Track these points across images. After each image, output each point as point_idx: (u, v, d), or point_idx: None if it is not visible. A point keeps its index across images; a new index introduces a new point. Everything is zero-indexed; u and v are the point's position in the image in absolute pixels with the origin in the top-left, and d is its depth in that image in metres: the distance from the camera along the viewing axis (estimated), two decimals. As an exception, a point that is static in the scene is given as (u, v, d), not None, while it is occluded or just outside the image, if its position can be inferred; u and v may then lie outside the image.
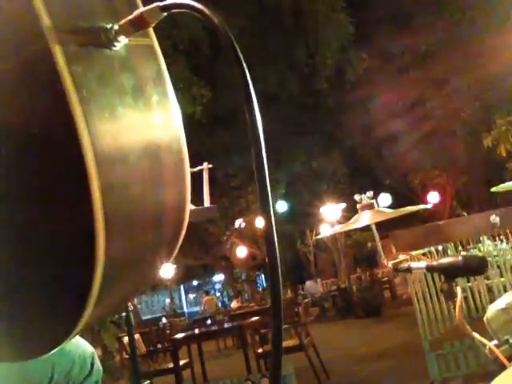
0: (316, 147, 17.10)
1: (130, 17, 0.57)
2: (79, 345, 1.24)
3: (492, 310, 1.44)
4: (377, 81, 15.31)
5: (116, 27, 0.57)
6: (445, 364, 5.01)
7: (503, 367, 1.28)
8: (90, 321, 0.57)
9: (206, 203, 1.75)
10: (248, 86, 0.54)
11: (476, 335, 1.38)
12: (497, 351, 1.32)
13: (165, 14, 0.57)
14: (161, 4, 0.57)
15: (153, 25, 0.59)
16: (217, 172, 13.85)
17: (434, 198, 17.02)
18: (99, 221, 0.52)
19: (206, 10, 0.54)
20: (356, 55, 14.83)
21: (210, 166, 1.97)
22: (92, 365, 1.24)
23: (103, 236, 0.52)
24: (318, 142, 17.14)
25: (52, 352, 0.59)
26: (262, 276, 26.58)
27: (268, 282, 0.56)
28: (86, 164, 0.51)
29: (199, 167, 1.95)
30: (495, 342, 1.35)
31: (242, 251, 18.65)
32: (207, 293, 21.10)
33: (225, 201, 16.20)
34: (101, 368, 1.26)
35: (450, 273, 1.47)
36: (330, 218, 15.96)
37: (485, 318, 1.44)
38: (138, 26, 0.58)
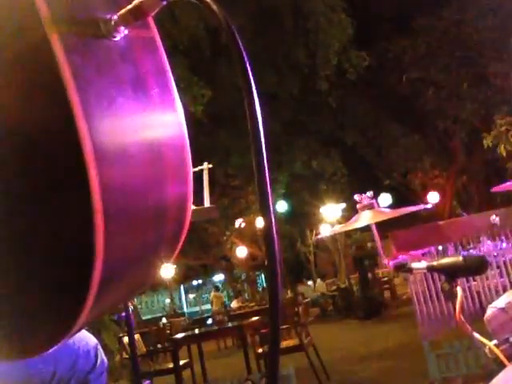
0: (316, 147, 17.08)
1: (130, 6, 0.57)
2: (82, 338, 1.22)
3: (492, 309, 1.44)
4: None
5: (115, 17, 0.56)
6: (445, 364, 5.00)
7: (503, 367, 1.28)
8: (90, 319, 0.57)
9: (206, 203, 1.75)
10: (248, 74, 0.53)
11: (476, 335, 1.38)
12: (497, 351, 1.32)
13: (164, 2, 0.57)
14: None
15: (152, 14, 0.58)
16: (217, 172, 13.83)
17: (433, 198, 16.99)
18: (99, 218, 0.51)
19: None
20: (356, 55, 14.81)
21: (210, 165, 1.97)
22: (96, 357, 1.23)
23: (102, 233, 0.51)
24: (318, 142, 17.13)
25: (51, 350, 0.58)
26: (262, 276, 26.57)
27: (267, 282, 0.55)
28: (84, 156, 0.50)
29: (199, 167, 1.95)
30: (495, 341, 1.36)
31: (241, 251, 18.62)
32: (217, 288, 19.77)
33: (225, 201, 16.18)
34: (105, 360, 1.25)
35: (451, 273, 1.47)
36: (330, 217, 15.96)
37: (485, 318, 1.44)
38: (137, 15, 0.57)
